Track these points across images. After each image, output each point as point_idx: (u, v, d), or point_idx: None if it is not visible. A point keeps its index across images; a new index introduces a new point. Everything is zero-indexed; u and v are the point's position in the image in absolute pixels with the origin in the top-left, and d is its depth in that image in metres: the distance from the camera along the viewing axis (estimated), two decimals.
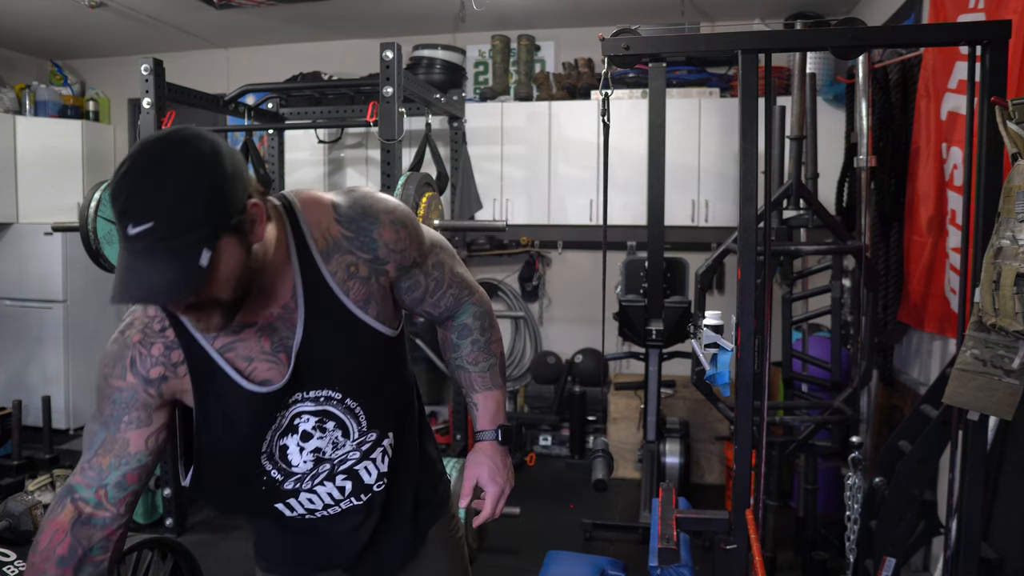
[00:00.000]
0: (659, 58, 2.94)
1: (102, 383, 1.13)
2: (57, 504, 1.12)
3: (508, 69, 4.79)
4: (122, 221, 0.93)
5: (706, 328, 1.83)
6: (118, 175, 0.94)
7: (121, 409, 1.12)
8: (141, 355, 1.12)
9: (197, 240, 0.94)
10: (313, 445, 1.21)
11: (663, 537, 1.81)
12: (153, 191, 0.93)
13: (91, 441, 1.13)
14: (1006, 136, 1.60)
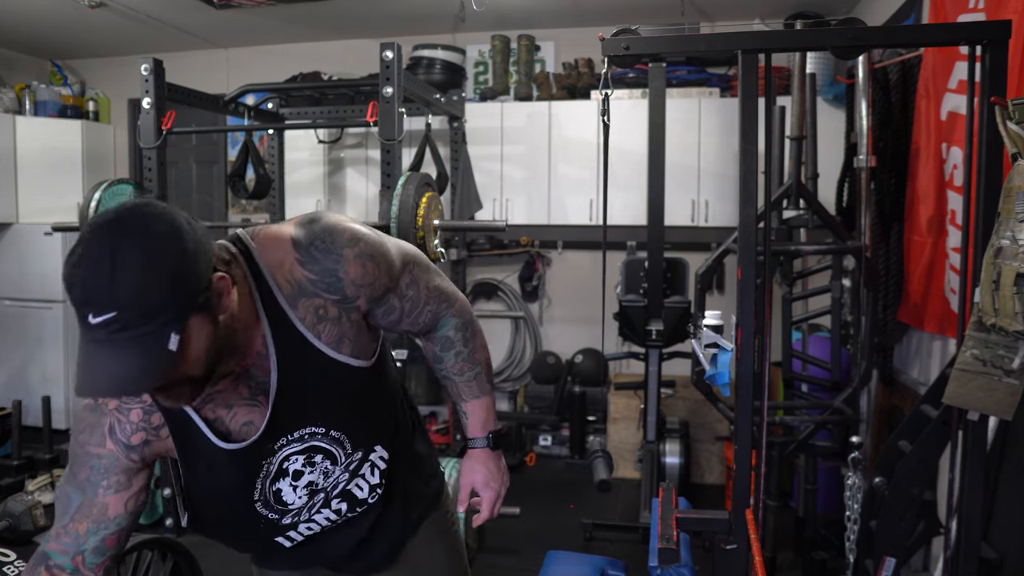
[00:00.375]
0: (659, 58, 2.94)
1: (78, 450, 1.09)
2: (31, 572, 1.08)
3: (508, 69, 4.79)
4: (82, 311, 0.91)
5: (706, 328, 1.83)
6: (71, 263, 0.91)
7: (99, 475, 1.09)
8: (120, 422, 1.09)
9: (164, 323, 0.91)
10: (305, 481, 1.21)
11: (663, 537, 1.81)
12: (112, 280, 0.89)
13: (66, 505, 1.09)
14: (1006, 136, 1.60)
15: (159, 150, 3.36)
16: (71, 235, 3.88)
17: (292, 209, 4.69)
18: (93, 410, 1.10)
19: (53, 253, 4.89)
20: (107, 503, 1.09)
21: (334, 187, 4.84)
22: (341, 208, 4.82)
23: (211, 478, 1.14)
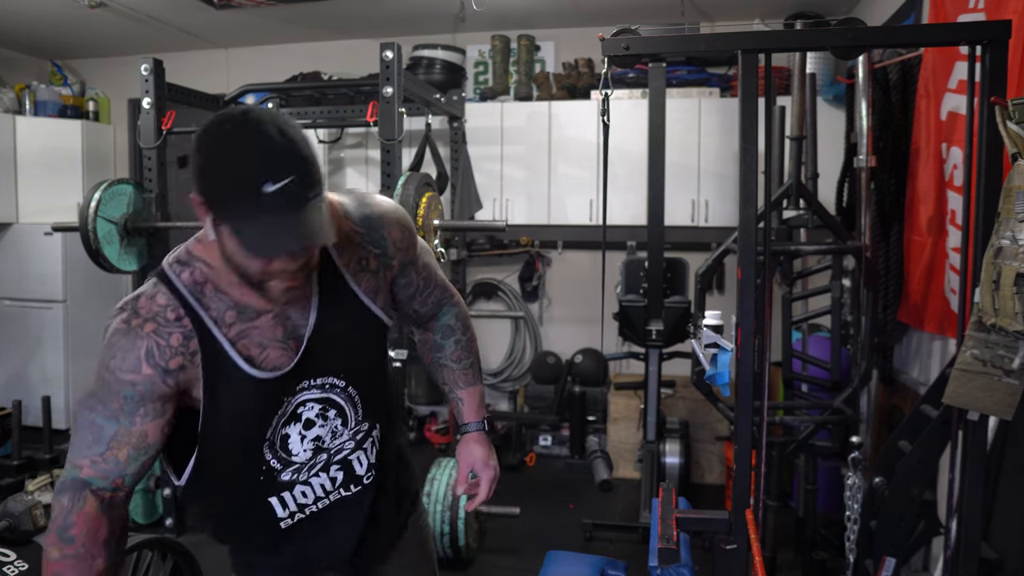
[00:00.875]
0: (659, 58, 2.94)
1: (109, 376, 1.10)
2: (75, 498, 1.10)
3: (508, 69, 4.79)
4: (259, 178, 0.96)
5: (706, 328, 1.83)
6: (239, 142, 0.98)
7: (134, 403, 1.10)
8: (159, 346, 1.10)
9: (319, 195, 1.02)
10: (314, 434, 1.24)
11: (663, 537, 1.81)
12: (288, 149, 0.98)
13: (97, 435, 1.10)
14: (1006, 136, 1.60)
15: (159, 150, 3.37)
16: (71, 235, 3.88)
17: None
18: (127, 334, 1.10)
19: (53, 253, 4.89)
20: (145, 431, 1.12)
21: (334, 187, 4.83)
22: None
23: (233, 406, 1.15)
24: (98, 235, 3.21)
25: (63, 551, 1.08)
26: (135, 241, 3.39)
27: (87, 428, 1.11)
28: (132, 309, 1.12)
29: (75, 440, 1.12)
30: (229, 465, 1.21)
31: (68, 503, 1.09)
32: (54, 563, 1.08)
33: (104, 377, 1.10)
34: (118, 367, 1.09)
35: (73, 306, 4.99)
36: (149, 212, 3.38)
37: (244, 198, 0.98)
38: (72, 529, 1.08)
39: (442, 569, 3.09)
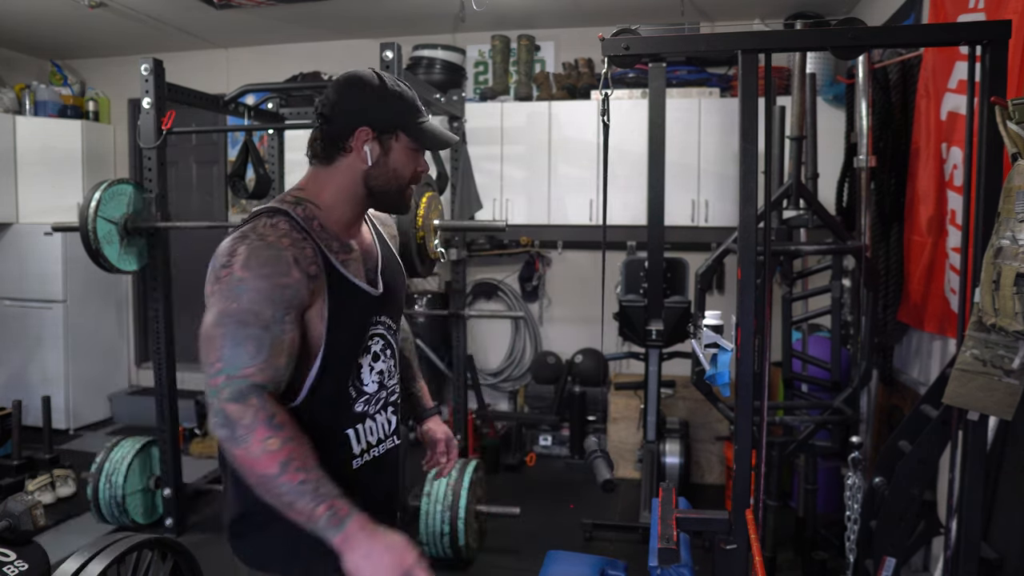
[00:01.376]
0: (659, 58, 2.93)
1: (261, 284, 1.18)
2: (261, 397, 1.16)
3: (508, 69, 4.79)
4: (420, 106, 1.36)
5: (706, 328, 1.83)
6: (396, 80, 1.35)
7: (283, 310, 1.20)
8: (303, 254, 1.24)
9: None
10: (379, 367, 1.41)
11: (663, 537, 1.81)
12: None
13: (258, 345, 1.17)
14: (1006, 136, 1.60)
15: (159, 150, 3.36)
16: (71, 235, 3.87)
17: None
18: (268, 248, 1.21)
19: (53, 253, 4.90)
20: (293, 339, 1.23)
21: None
22: None
23: (344, 317, 1.30)
24: (98, 235, 3.21)
25: (280, 436, 1.14)
26: (135, 241, 3.39)
27: (247, 341, 1.17)
28: (259, 233, 1.23)
29: (231, 355, 1.17)
30: (331, 386, 1.31)
31: (259, 401, 1.16)
32: (278, 451, 1.12)
33: (257, 286, 1.18)
34: (271, 274, 1.19)
35: (73, 306, 4.99)
36: (149, 212, 3.38)
37: (419, 116, 1.35)
38: (277, 417, 1.16)
39: (442, 569, 3.10)
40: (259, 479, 1.13)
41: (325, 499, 1.13)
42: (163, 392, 3.46)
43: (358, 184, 1.35)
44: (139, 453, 3.46)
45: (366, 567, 1.11)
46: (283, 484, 1.12)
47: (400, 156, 1.35)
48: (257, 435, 1.13)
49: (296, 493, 1.12)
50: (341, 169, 1.34)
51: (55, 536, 3.41)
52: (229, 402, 1.14)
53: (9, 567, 2.21)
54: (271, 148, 4.51)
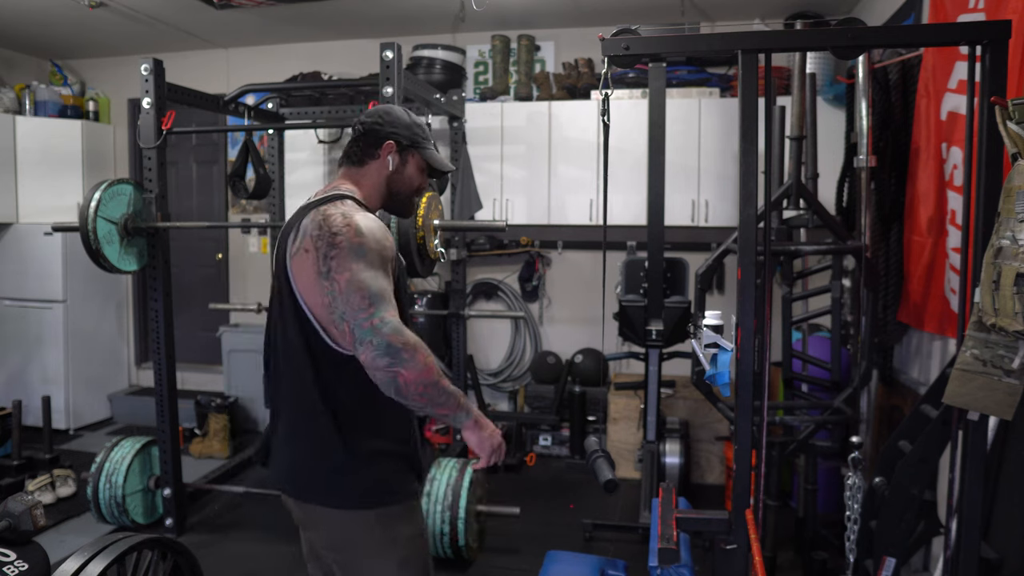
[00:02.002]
0: (659, 58, 2.93)
1: (381, 247, 1.53)
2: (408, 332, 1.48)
3: (508, 69, 4.79)
4: (428, 133, 1.77)
5: (706, 328, 1.83)
6: (414, 115, 1.75)
7: (388, 264, 1.54)
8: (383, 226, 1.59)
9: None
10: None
11: (663, 537, 1.81)
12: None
13: (389, 292, 1.51)
14: (1006, 136, 1.60)
15: (159, 150, 3.36)
16: (71, 235, 3.88)
17: (292, 209, 4.68)
18: (369, 219, 1.56)
19: (53, 253, 4.90)
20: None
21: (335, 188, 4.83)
22: None
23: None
24: (98, 235, 3.21)
25: (430, 356, 1.49)
26: (135, 241, 3.39)
27: (383, 290, 1.50)
28: (356, 208, 1.59)
29: (378, 301, 1.47)
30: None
31: (408, 333, 1.48)
32: (433, 366, 1.48)
33: (377, 247, 1.52)
34: (383, 238, 1.54)
35: (73, 306, 4.99)
36: (149, 212, 3.38)
37: (429, 144, 1.77)
38: (421, 342, 1.50)
39: (442, 569, 3.10)
40: (423, 387, 1.45)
41: (458, 396, 1.53)
42: (163, 392, 3.46)
43: (383, 185, 1.72)
44: (139, 453, 3.46)
45: (484, 438, 1.57)
46: (439, 388, 1.48)
47: (413, 169, 1.74)
48: (419, 356, 1.45)
49: (446, 394, 1.50)
50: (370, 172, 1.71)
51: (55, 536, 3.41)
52: (392, 334, 1.44)
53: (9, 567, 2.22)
54: (271, 148, 4.52)
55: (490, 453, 1.59)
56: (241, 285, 5.52)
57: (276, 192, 4.48)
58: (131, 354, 5.72)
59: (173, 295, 3.52)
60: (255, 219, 5.31)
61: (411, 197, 1.77)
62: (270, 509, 3.78)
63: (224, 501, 3.86)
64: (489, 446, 1.58)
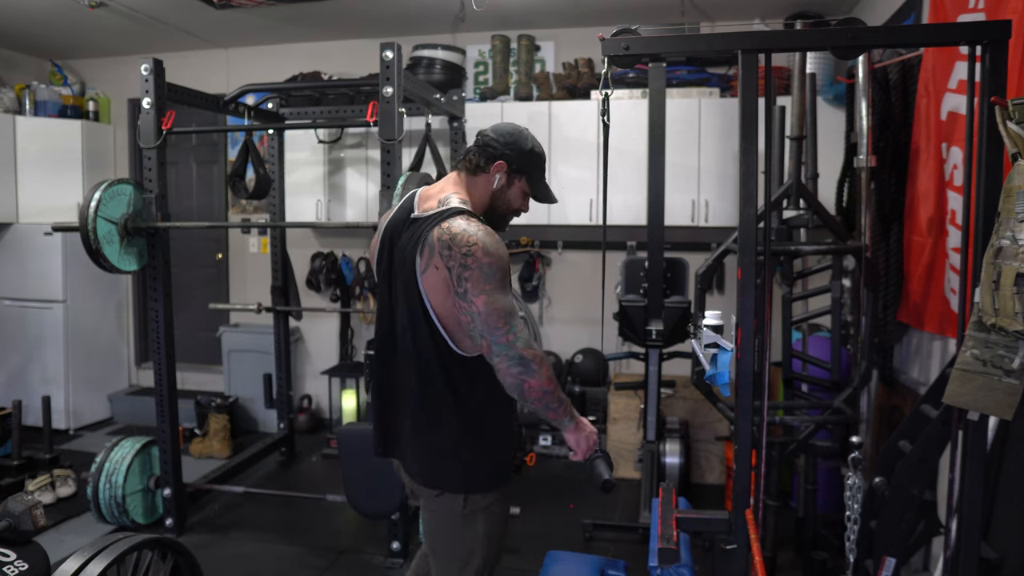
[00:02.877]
0: (659, 58, 2.94)
1: (504, 263, 1.69)
2: (535, 346, 1.71)
3: (508, 69, 4.79)
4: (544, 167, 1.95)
5: (706, 328, 1.83)
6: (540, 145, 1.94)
7: (509, 282, 1.72)
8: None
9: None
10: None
11: (663, 537, 1.81)
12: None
13: (515, 310, 1.70)
14: (1006, 136, 1.60)
15: (159, 150, 3.37)
16: (71, 235, 3.88)
17: (292, 209, 4.69)
18: (485, 231, 1.69)
19: (53, 253, 4.90)
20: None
21: (334, 187, 4.84)
22: (341, 208, 4.82)
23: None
24: (98, 235, 3.21)
25: (551, 369, 1.73)
26: (135, 241, 3.39)
27: (512, 307, 1.69)
28: (480, 227, 1.70)
29: (510, 319, 1.68)
30: None
31: (535, 347, 1.72)
32: (553, 377, 1.73)
33: (500, 267, 1.68)
34: (504, 255, 1.70)
35: (73, 306, 4.99)
36: (149, 212, 3.38)
37: (541, 173, 1.92)
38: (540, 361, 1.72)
39: None
40: (543, 394, 1.70)
41: (567, 403, 1.79)
42: (163, 392, 3.46)
43: (486, 198, 1.86)
44: (139, 453, 3.46)
45: (581, 439, 1.83)
46: (555, 396, 1.73)
47: (516, 192, 1.88)
48: (544, 369, 1.70)
49: (559, 401, 1.75)
50: (479, 183, 1.85)
51: (55, 536, 3.41)
52: (524, 349, 1.67)
53: (9, 567, 2.22)
54: (271, 148, 4.52)
55: (586, 450, 1.86)
56: (241, 285, 5.52)
57: (276, 192, 4.48)
58: (131, 354, 5.72)
59: (173, 295, 3.52)
60: (255, 219, 5.32)
61: (507, 216, 1.91)
62: (270, 509, 3.79)
63: (224, 501, 3.86)
64: (586, 445, 1.84)
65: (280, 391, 4.60)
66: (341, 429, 3.01)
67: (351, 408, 4.91)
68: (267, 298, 4.62)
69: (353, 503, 3.14)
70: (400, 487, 2.55)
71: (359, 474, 2.97)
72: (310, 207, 4.81)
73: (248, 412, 5.09)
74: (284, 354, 4.59)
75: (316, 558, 3.25)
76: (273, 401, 4.62)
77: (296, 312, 4.63)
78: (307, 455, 4.67)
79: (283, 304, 4.54)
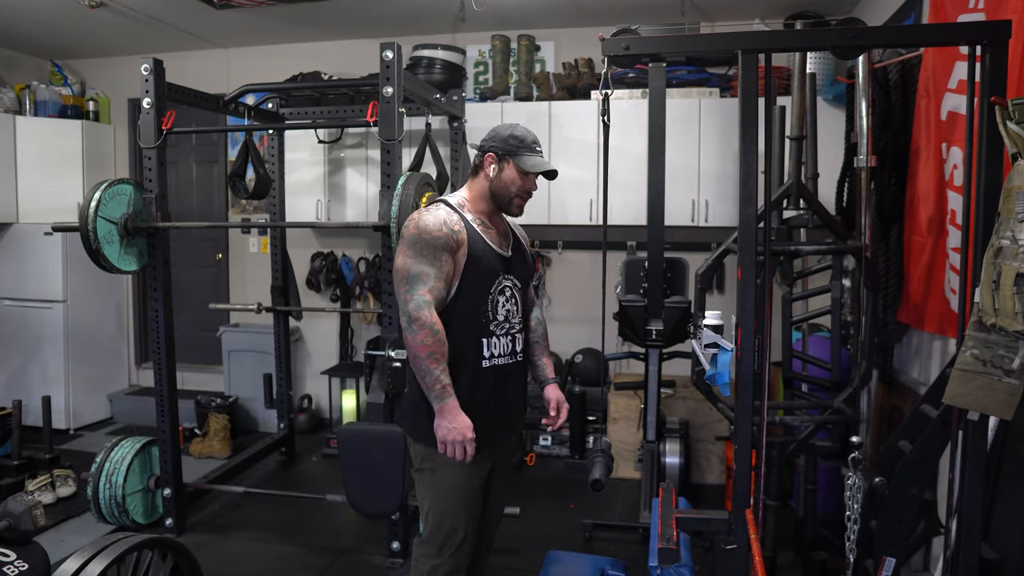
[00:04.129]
0: (659, 58, 2.93)
1: (425, 237, 1.94)
2: (431, 311, 1.92)
3: (508, 69, 4.79)
4: (535, 142, 2.15)
5: (706, 328, 1.83)
6: (523, 128, 2.16)
7: (441, 251, 1.95)
8: (449, 218, 2.00)
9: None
10: (506, 306, 2.11)
11: (663, 537, 1.81)
12: (535, 138, 2.17)
13: (427, 274, 1.94)
14: (1006, 136, 1.60)
15: (159, 150, 3.36)
16: (71, 235, 3.88)
17: (292, 209, 4.69)
18: (430, 213, 2.00)
19: (53, 253, 4.90)
20: (448, 270, 1.98)
21: (334, 187, 4.84)
22: (341, 208, 4.82)
23: (482, 264, 2.03)
24: (98, 235, 3.21)
25: (433, 338, 1.91)
26: (135, 241, 3.39)
27: (417, 275, 1.93)
28: (428, 209, 2.03)
29: (415, 282, 1.93)
30: (470, 303, 2.02)
31: (428, 312, 1.92)
32: (429, 345, 1.91)
33: (423, 239, 1.94)
34: (428, 230, 1.95)
35: (73, 306, 4.99)
36: (149, 212, 3.38)
37: (526, 151, 2.09)
38: (437, 325, 1.93)
39: None
40: (413, 357, 1.93)
41: (441, 382, 1.92)
42: (163, 392, 3.46)
43: (487, 189, 2.10)
44: (139, 453, 3.46)
45: (443, 426, 1.94)
46: (425, 365, 1.91)
47: (510, 174, 2.08)
48: (422, 332, 1.90)
49: (428, 372, 1.92)
50: (479, 180, 2.12)
51: (55, 536, 3.41)
52: (413, 309, 1.91)
53: (9, 567, 2.22)
54: (271, 148, 4.52)
55: (442, 441, 1.95)
56: (241, 285, 5.52)
57: (276, 192, 4.48)
58: (131, 354, 5.72)
59: (173, 295, 3.52)
60: (255, 219, 5.31)
61: (511, 199, 2.09)
62: (270, 509, 3.79)
63: (224, 501, 3.86)
64: (442, 434, 1.94)
65: (280, 391, 4.60)
66: (341, 429, 3.01)
67: (351, 408, 4.91)
68: (267, 298, 4.62)
69: (353, 503, 3.14)
70: (400, 487, 2.55)
71: (359, 474, 2.97)
72: (310, 207, 4.81)
73: (248, 412, 5.09)
74: (284, 354, 4.59)
75: (316, 558, 3.25)
76: (273, 401, 4.62)
77: (296, 312, 4.63)
78: (307, 455, 4.67)
79: (283, 304, 4.54)
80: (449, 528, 2.06)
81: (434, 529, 2.08)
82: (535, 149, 2.10)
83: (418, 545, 2.16)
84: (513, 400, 2.18)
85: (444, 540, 2.06)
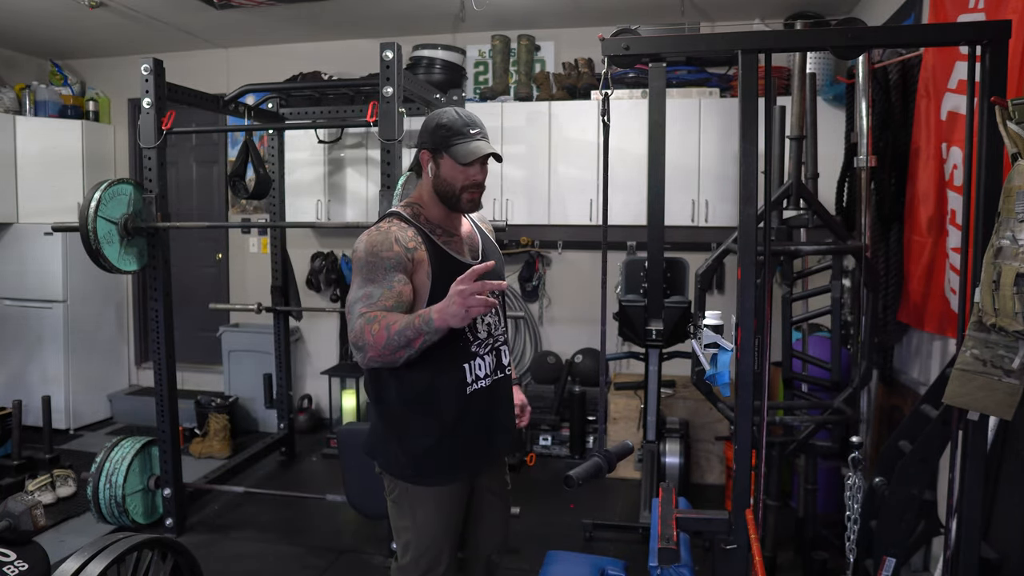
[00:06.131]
0: (659, 58, 2.93)
1: (373, 259, 1.74)
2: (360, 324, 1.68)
3: (508, 69, 4.79)
4: (468, 125, 1.83)
5: (706, 328, 1.83)
6: (453, 112, 1.85)
7: (391, 271, 1.74)
8: (401, 236, 1.79)
9: (486, 138, 1.87)
10: (487, 320, 1.94)
11: (663, 537, 1.81)
12: (471, 116, 1.86)
13: (372, 296, 1.72)
14: (1006, 136, 1.60)
15: (159, 150, 3.36)
16: (71, 235, 3.88)
17: (292, 209, 4.69)
18: (380, 233, 1.78)
19: (53, 253, 4.90)
20: (402, 290, 1.75)
21: (334, 187, 4.84)
22: (341, 208, 4.82)
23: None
24: (98, 235, 3.21)
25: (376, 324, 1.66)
26: (135, 241, 3.39)
27: (362, 297, 1.73)
28: (377, 227, 1.81)
29: (360, 303, 1.72)
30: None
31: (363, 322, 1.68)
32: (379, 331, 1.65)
33: (370, 261, 1.74)
34: (379, 250, 1.75)
35: (73, 306, 4.99)
36: (149, 212, 3.38)
37: (459, 139, 1.81)
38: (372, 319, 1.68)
39: None
40: (383, 349, 1.65)
41: (414, 319, 1.65)
42: (163, 392, 3.46)
43: (432, 190, 1.88)
44: (139, 453, 3.46)
45: (447, 312, 1.61)
46: (395, 337, 1.64)
47: (447, 169, 1.84)
48: (367, 335, 1.66)
49: (402, 334, 1.64)
50: (424, 181, 1.90)
51: (55, 536, 3.41)
52: (360, 326, 1.68)
53: (9, 567, 2.22)
54: (271, 148, 4.52)
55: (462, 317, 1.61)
56: (241, 285, 5.52)
57: (276, 192, 4.48)
58: (131, 354, 5.72)
59: (173, 295, 3.52)
60: (255, 219, 5.31)
61: (457, 194, 1.86)
62: (270, 509, 3.79)
63: (224, 501, 3.86)
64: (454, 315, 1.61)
65: (280, 391, 4.60)
66: (341, 429, 3.02)
67: (351, 408, 4.91)
68: (267, 298, 4.62)
69: (353, 503, 3.14)
70: None
71: (359, 474, 2.97)
72: (310, 207, 4.81)
73: (248, 412, 5.09)
74: (284, 354, 4.59)
75: (316, 558, 3.25)
76: (273, 401, 4.62)
77: (296, 312, 4.63)
78: (307, 455, 4.67)
79: (283, 304, 4.54)
80: (431, 559, 1.96)
81: (414, 561, 1.96)
82: (469, 134, 1.81)
83: (397, 572, 2.03)
84: (502, 424, 2.03)
85: (425, 571, 1.96)
